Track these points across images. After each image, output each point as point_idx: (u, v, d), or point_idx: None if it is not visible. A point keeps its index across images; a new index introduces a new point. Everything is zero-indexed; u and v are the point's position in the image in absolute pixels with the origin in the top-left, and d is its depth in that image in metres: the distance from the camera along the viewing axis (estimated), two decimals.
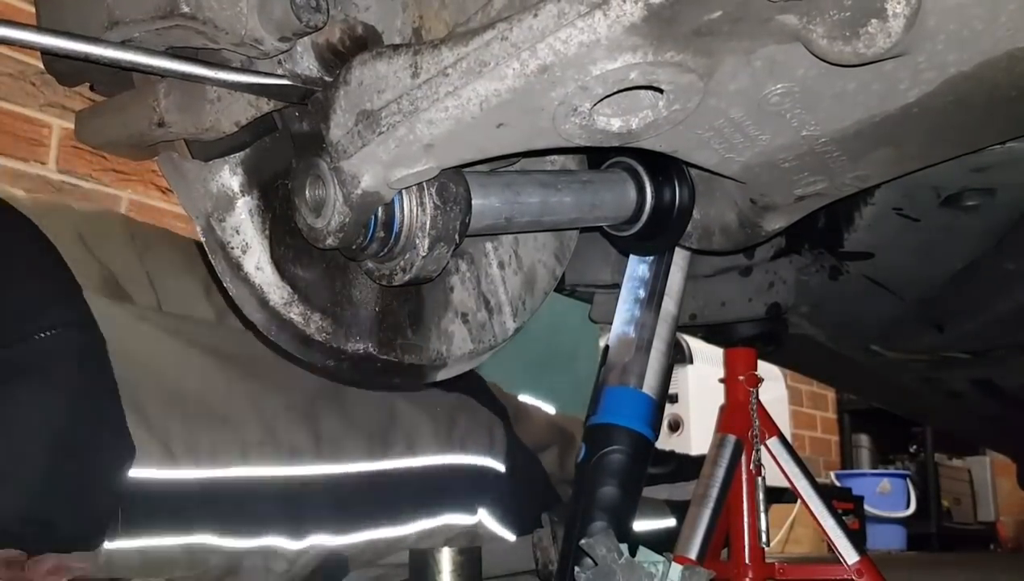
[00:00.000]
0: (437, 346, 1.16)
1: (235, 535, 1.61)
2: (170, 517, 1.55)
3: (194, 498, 1.57)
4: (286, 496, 1.67)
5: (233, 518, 1.60)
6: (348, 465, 1.76)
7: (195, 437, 1.57)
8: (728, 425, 1.63)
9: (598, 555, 1.12)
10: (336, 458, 1.74)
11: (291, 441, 1.69)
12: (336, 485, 1.73)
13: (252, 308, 1.06)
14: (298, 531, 1.67)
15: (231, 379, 1.68)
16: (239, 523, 1.61)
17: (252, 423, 1.66)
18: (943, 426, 4.50)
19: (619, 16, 0.76)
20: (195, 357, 1.67)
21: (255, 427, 1.66)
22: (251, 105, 1.00)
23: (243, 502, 1.62)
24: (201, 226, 1.06)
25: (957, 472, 6.42)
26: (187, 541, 1.57)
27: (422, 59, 0.89)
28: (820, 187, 1.11)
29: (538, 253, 1.29)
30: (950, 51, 0.86)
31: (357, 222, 0.98)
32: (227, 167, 1.04)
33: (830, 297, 1.67)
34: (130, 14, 0.97)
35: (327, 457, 1.73)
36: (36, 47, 0.93)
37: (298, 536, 1.67)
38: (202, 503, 1.57)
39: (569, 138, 0.90)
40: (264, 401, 1.70)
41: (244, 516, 1.61)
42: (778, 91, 0.90)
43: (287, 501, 1.67)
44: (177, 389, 1.60)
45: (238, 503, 1.61)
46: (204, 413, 1.61)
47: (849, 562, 1.56)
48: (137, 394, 1.53)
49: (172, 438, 1.54)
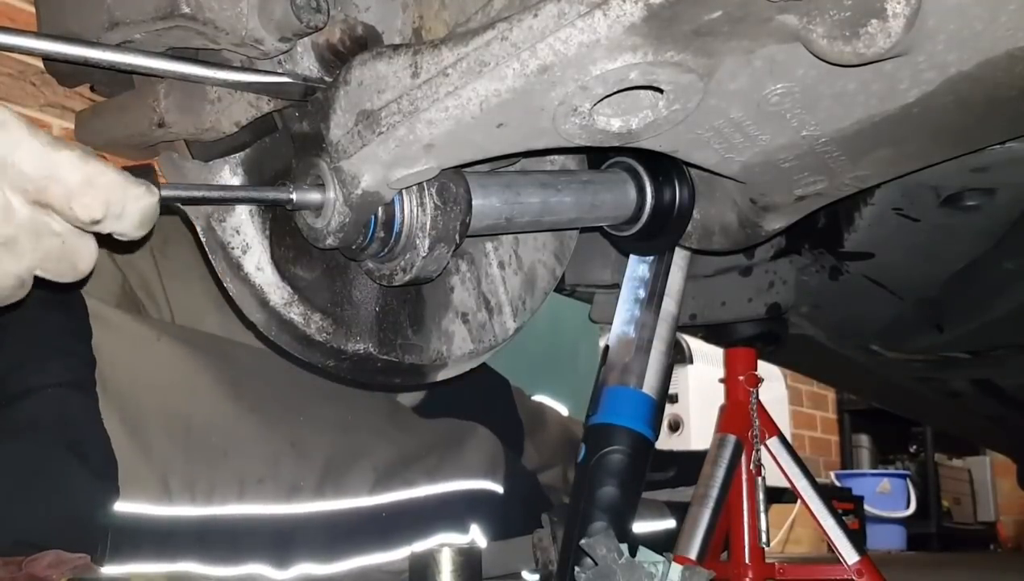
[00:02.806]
0: (437, 346, 1.16)
1: (220, 564, 1.58)
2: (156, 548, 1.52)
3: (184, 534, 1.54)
4: (278, 531, 1.64)
5: (220, 551, 1.57)
6: (348, 501, 1.73)
7: (194, 474, 1.54)
8: (728, 425, 1.63)
9: (598, 555, 1.12)
10: (337, 495, 1.71)
11: (293, 478, 1.66)
12: (331, 520, 1.70)
13: (252, 308, 1.06)
14: (284, 561, 1.64)
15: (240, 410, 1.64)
16: (225, 555, 1.58)
17: (255, 459, 1.62)
18: (943, 426, 4.50)
19: (619, 16, 0.76)
20: (205, 384, 1.63)
21: (257, 463, 1.62)
22: (251, 105, 1.00)
23: (233, 537, 1.59)
24: (201, 226, 1.06)
25: (957, 472, 6.41)
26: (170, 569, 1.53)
27: (422, 59, 0.89)
28: (820, 187, 1.11)
29: (538, 253, 1.29)
30: (950, 51, 0.86)
31: (357, 222, 0.98)
32: (227, 167, 1.05)
33: (830, 297, 1.67)
34: (130, 15, 0.97)
35: (328, 495, 1.70)
36: (37, 53, 0.93)
37: (283, 566, 1.64)
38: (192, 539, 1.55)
39: (569, 138, 0.90)
40: (271, 434, 1.66)
41: (231, 549, 1.58)
42: (778, 91, 0.90)
43: (280, 535, 1.64)
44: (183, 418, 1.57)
45: (228, 538, 1.58)
46: (207, 446, 1.58)
47: (849, 562, 1.55)
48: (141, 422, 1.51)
49: (171, 473, 1.52)
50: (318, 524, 1.68)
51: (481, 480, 1.95)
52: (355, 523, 1.72)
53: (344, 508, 1.71)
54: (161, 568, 1.52)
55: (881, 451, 6.42)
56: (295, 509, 1.65)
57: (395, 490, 1.80)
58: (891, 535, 5.41)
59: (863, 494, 4.46)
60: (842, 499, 4.01)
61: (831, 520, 1.60)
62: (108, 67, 0.96)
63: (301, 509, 1.65)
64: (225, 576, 1.58)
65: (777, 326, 1.66)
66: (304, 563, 1.66)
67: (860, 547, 1.57)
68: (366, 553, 1.75)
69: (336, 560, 1.71)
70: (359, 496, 1.74)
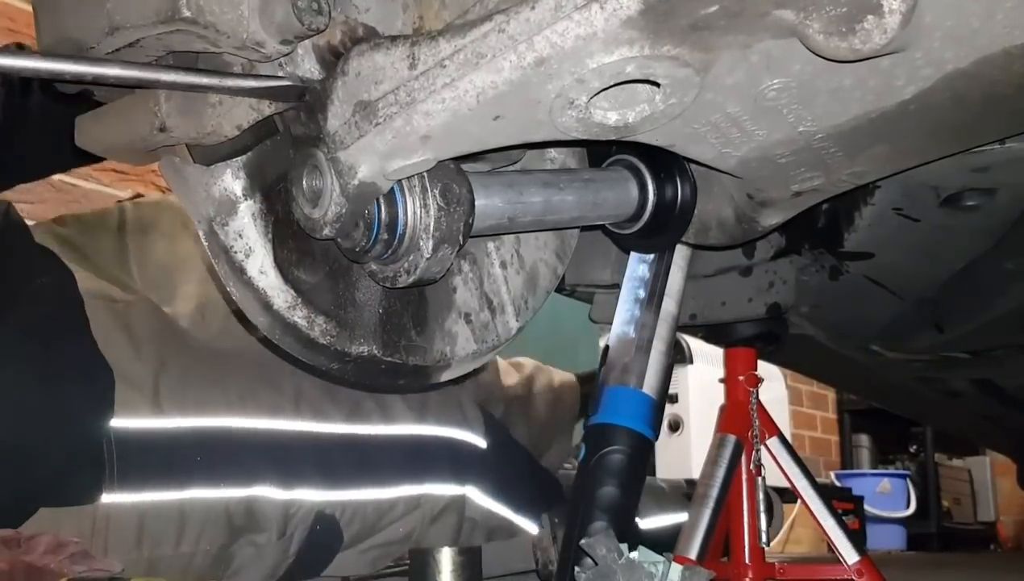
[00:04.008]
0: (441, 347, 1.16)
1: (226, 485, 1.70)
2: (163, 469, 1.64)
3: (184, 448, 1.67)
4: (272, 447, 1.77)
5: (223, 468, 1.70)
6: (328, 425, 1.86)
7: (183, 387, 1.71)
8: (728, 425, 1.63)
9: (598, 555, 1.13)
10: (315, 418, 1.84)
11: (270, 400, 1.79)
12: (318, 442, 1.83)
13: (256, 312, 1.06)
14: (286, 481, 1.76)
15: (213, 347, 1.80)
16: (229, 473, 1.70)
17: (233, 385, 1.77)
18: (943, 426, 4.50)
19: (616, 9, 0.76)
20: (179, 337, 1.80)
21: (235, 388, 1.76)
22: (252, 108, 1.00)
23: (232, 451, 1.72)
24: (203, 230, 1.06)
25: (957, 472, 6.41)
26: (181, 497, 1.65)
27: (419, 50, 0.89)
28: (817, 183, 1.11)
29: (540, 252, 1.29)
30: (947, 48, 0.86)
31: (354, 213, 0.99)
32: (229, 171, 1.05)
33: (830, 297, 1.68)
34: (131, 19, 0.97)
35: (307, 416, 1.83)
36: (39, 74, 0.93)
37: (286, 486, 1.76)
38: (192, 453, 1.67)
39: (566, 131, 0.90)
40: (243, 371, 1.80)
41: (234, 465, 1.71)
42: (775, 86, 0.91)
43: (274, 452, 1.77)
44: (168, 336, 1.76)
45: (227, 452, 1.71)
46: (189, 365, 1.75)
47: (849, 562, 1.56)
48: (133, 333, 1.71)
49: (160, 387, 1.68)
50: (307, 444, 1.83)
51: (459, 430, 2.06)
52: (341, 448, 1.87)
53: (327, 431, 1.86)
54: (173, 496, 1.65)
55: (881, 451, 6.42)
56: (281, 425, 1.80)
57: (371, 423, 1.93)
58: (891, 535, 5.40)
59: (863, 494, 4.46)
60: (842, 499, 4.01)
61: (831, 520, 1.60)
62: (113, 84, 0.97)
63: (287, 426, 1.81)
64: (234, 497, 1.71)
65: (777, 326, 1.67)
66: (304, 487, 1.80)
67: (860, 547, 1.57)
68: (359, 484, 1.88)
69: (331, 486, 1.84)
70: (337, 422, 1.88)
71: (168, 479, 1.64)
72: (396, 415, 1.96)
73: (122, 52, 1.00)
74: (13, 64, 0.90)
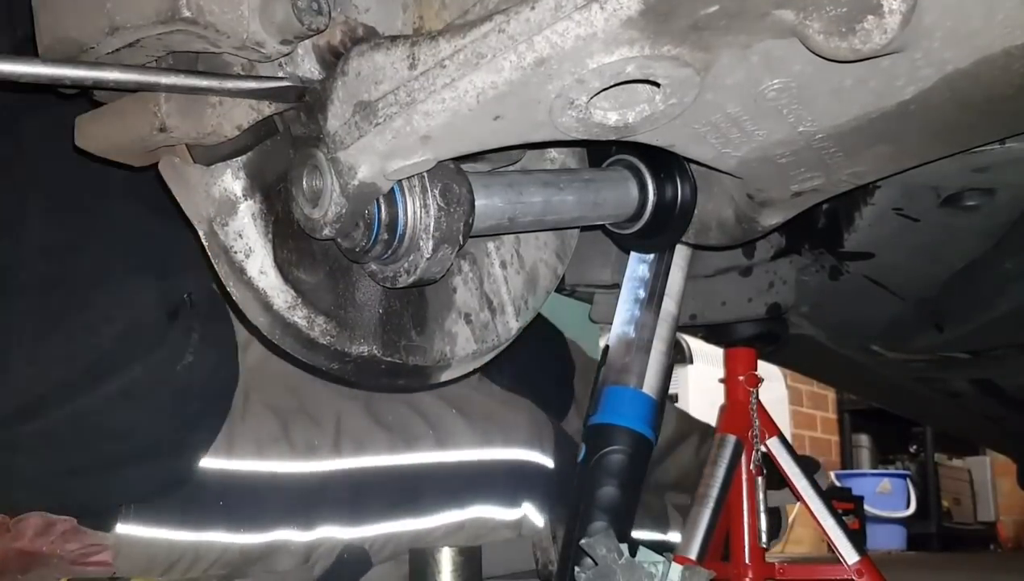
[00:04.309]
0: (441, 347, 1.16)
1: (246, 531, 1.62)
2: (181, 509, 1.57)
3: (207, 490, 1.59)
4: (301, 491, 1.67)
5: (244, 513, 1.62)
6: (367, 459, 1.74)
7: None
8: (728, 425, 1.63)
9: (598, 555, 1.13)
10: (355, 452, 1.73)
11: (306, 439, 1.68)
12: (353, 479, 1.71)
13: (256, 312, 1.06)
14: (308, 523, 1.67)
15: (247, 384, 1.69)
16: (250, 518, 1.62)
17: (267, 420, 1.66)
18: (943, 426, 4.51)
19: (616, 10, 0.76)
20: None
21: (270, 424, 1.66)
22: (252, 108, 1.00)
23: (256, 497, 1.63)
24: (204, 231, 1.06)
25: (957, 472, 6.42)
26: (196, 539, 1.58)
27: (419, 51, 0.89)
28: (816, 183, 1.11)
29: (540, 252, 1.29)
30: (947, 48, 0.86)
31: (354, 213, 0.99)
32: (229, 171, 1.04)
33: (830, 297, 1.68)
34: (131, 19, 0.97)
35: (346, 452, 1.72)
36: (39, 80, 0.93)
37: (308, 528, 1.67)
38: (214, 497, 1.59)
39: (566, 131, 0.90)
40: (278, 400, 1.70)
41: (255, 511, 1.62)
42: (775, 86, 0.91)
43: (301, 496, 1.67)
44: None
45: (250, 498, 1.62)
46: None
47: (849, 562, 1.56)
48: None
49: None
50: (339, 483, 1.70)
51: (526, 450, 1.90)
52: (377, 484, 1.73)
53: (364, 467, 1.73)
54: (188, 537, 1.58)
55: (881, 451, 6.43)
56: (315, 467, 1.68)
57: (420, 451, 1.79)
58: (891, 535, 5.41)
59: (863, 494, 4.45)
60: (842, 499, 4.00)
61: (831, 520, 1.61)
62: (114, 88, 0.97)
63: (321, 467, 1.68)
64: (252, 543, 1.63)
65: (777, 326, 1.67)
66: (328, 525, 1.68)
67: (860, 547, 1.57)
68: (393, 517, 1.75)
69: (361, 523, 1.72)
70: (377, 454, 1.74)
71: (185, 519, 1.58)
72: (452, 439, 1.82)
73: (122, 52, 1.00)
74: (13, 69, 0.90)
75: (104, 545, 1.49)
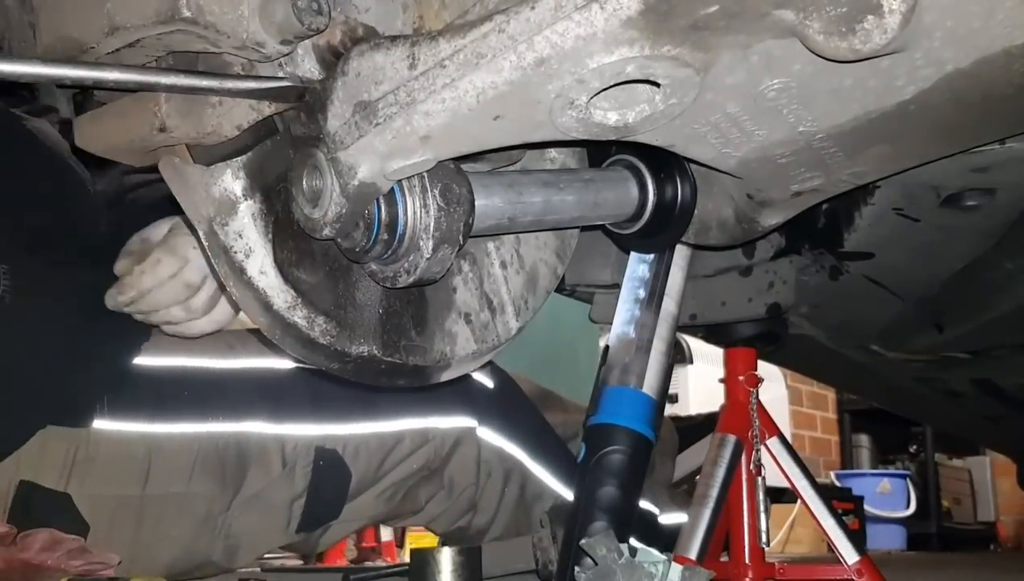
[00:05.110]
0: (441, 347, 1.16)
1: (215, 419, 1.74)
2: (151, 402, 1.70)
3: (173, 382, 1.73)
4: (263, 385, 1.81)
5: (212, 403, 1.74)
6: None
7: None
8: (728, 425, 1.63)
9: (598, 555, 1.13)
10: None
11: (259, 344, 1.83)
12: (310, 381, 1.84)
13: (256, 312, 1.06)
14: (277, 416, 1.80)
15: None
16: (218, 407, 1.75)
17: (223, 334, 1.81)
18: (943, 426, 4.51)
19: (616, 10, 0.76)
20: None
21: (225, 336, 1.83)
22: (252, 108, 1.01)
23: (221, 387, 1.77)
24: (203, 231, 1.06)
25: (957, 472, 6.42)
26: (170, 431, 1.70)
27: (419, 51, 0.89)
28: (816, 183, 1.11)
29: (540, 252, 1.29)
30: (947, 48, 0.86)
31: (354, 213, 0.99)
32: (229, 171, 1.04)
33: (830, 297, 1.68)
34: (131, 19, 0.97)
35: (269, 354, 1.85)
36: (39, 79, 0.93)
37: (278, 420, 1.80)
38: (180, 388, 1.73)
39: (566, 131, 0.90)
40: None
41: (223, 401, 1.76)
42: (775, 86, 0.91)
43: (265, 389, 1.81)
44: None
45: (216, 387, 1.76)
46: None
47: (849, 562, 1.56)
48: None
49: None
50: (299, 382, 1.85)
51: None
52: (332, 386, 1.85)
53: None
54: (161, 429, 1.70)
55: (881, 451, 6.43)
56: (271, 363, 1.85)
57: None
58: (891, 535, 5.41)
59: (863, 494, 4.46)
60: (842, 499, 4.02)
61: (831, 520, 1.60)
62: (113, 88, 0.97)
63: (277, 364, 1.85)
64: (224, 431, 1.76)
65: (777, 326, 1.67)
66: (296, 422, 1.83)
67: (860, 547, 1.57)
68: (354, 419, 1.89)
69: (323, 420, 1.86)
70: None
71: (157, 412, 1.69)
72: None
73: (122, 52, 1.00)
74: (13, 69, 0.90)
75: (108, 563, 1.50)
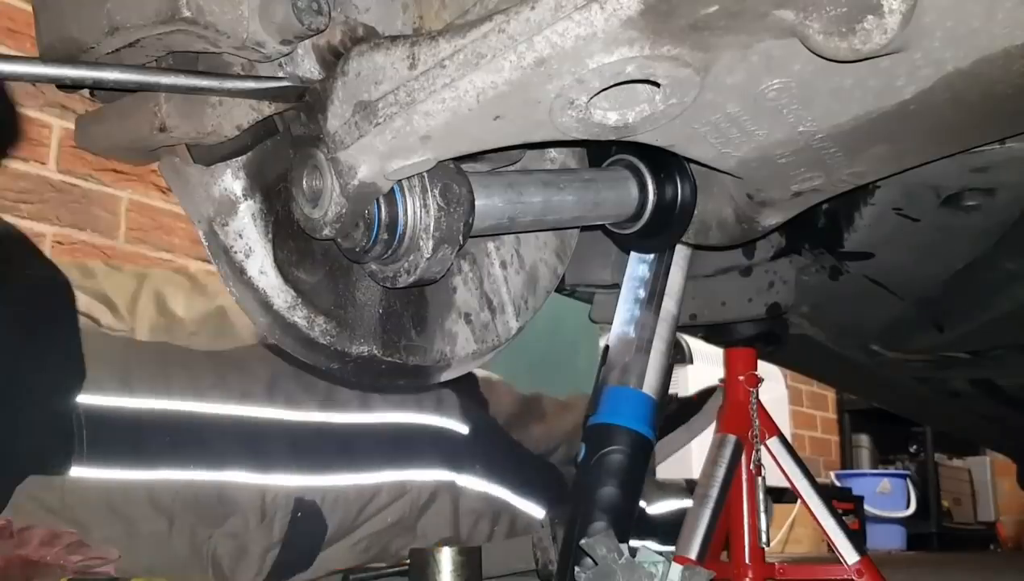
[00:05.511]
0: (441, 347, 1.16)
1: (196, 467, 1.72)
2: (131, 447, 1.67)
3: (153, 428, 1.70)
4: (243, 433, 1.79)
5: (193, 450, 1.73)
6: (301, 413, 1.87)
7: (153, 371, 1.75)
8: (728, 425, 1.63)
9: (598, 555, 1.13)
10: (289, 406, 1.86)
11: (241, 386, 1.81)
12: (291, 430, 1.84)
13: (256, 312, 1.06)
14: (259, 467, 1.78)
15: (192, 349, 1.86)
16: (199, 455, 1.73)
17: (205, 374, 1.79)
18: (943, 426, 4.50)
19: (616, 10, 0.76)
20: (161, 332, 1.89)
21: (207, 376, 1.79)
22: (252, 108, 1.01)
23: (202, 434, 1.74)
24: (203, 231, 1.07)
25: (957, 472, 6.42)
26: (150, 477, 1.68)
27: (419, 51, 0.89)
28: (816, 183, 1.11)
29: (540, 252, 1.29)
30: (947, 48, 0.86)
31: (354, 213, 0.99)
32: (229, 171, 1.05)
33: (830, 297, 1.68)
34: (131, 19, 0.97)
35: (279, 404, 1.84)
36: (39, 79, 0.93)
37: (260, 471, 1.78)
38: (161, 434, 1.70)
39: (566, 131, 0.90)
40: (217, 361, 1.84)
41: (204, 448, 1.74)
42: (775, 86, 0.91)
43: (246, 438, 1.79)
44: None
45: (197, 435, 1.74)
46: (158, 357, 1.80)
47: (849, 562, 1.55)
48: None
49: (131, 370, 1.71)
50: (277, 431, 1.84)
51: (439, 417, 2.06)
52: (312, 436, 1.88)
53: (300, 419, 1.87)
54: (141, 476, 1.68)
55: (881, 451, 6.42)
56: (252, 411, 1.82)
57: (348, 412, 1.94)
58: (891, 535, 5.41)
59: (863, 494, 4.46)
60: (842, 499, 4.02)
61: (831, 520, 1.60)
62: (113, 88, 0.97)
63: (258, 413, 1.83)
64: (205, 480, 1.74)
65: (777, 326, 1.67)
66: (279, 472, 1.82)
67: (860, 547, 1.57)
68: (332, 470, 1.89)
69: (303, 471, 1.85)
70: (311, 411, 1.89)
71: (136, 458, 1.67)
72: (374, 403, 1.97)
73: (122, 52, 1.00)
74: (13, 69, 0.90)
75: (107, 558, 1.50)
